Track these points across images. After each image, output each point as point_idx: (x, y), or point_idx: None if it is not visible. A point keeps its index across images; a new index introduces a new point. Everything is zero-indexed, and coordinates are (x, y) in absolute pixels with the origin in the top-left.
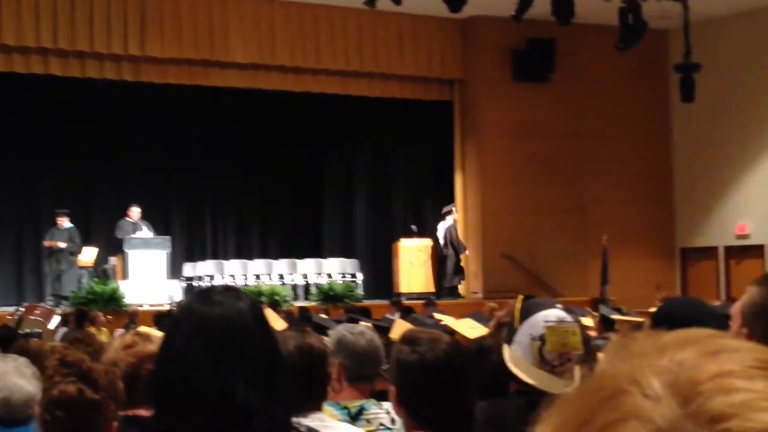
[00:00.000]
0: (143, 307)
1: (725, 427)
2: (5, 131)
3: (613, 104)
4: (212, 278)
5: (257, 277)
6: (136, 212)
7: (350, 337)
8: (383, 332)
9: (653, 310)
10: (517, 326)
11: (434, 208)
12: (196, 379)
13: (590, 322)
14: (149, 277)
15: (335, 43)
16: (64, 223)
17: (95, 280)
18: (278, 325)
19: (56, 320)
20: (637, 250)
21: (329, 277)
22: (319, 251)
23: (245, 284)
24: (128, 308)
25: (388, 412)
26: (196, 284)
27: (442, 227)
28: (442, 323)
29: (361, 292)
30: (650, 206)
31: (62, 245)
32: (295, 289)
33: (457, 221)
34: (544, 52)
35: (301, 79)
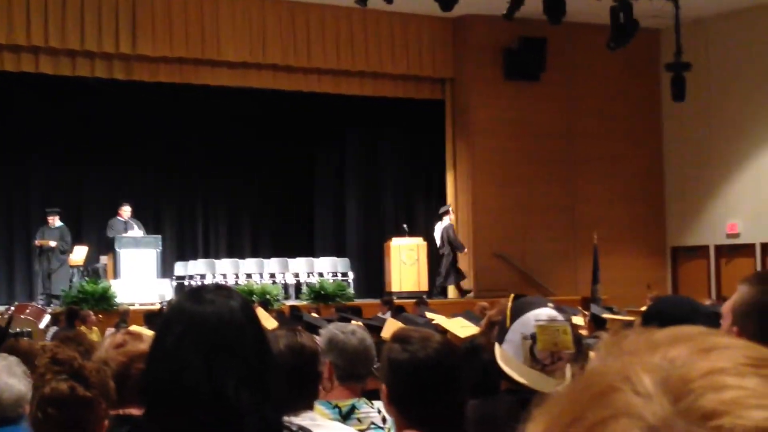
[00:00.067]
0: (134, 306)
1: (716, 424)
2: None
3: (604, 103)
4: (203, 277)
5: (248, 276)
6: (127, 211)
7: (341, 336)
8: (374, 331)
9: (644, 308)
10: (508, 325)
11: (426, 207)
12: (187, 378)
13: (581, 321)
14: (140, 276)
15: (326, 41)
16: (54, 221)
17: (86, 279)
18: (269, 324)
19: (47, 319)
20: (628, 249)
21: (320, 276)
22: (310, 250)
23: (236, 283)
24: (119, 307)
25: (379, 411)
26: (187, 283)
27: (439, 227)
28: (433, 322)
29: (352, 291)
30: (641, 205)
31: (53, 244)
32: (286, 288)
33: (453, 221)
34: (535, 51)
35: (292, 77)
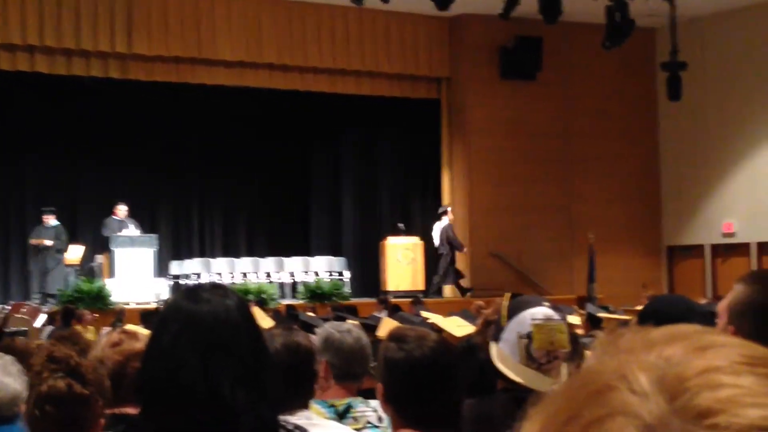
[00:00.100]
0: (130, 305)
1: (712, 422)
2: None
3: (600, 102)
4: (199, 276)
5: (244, 275)
6: (122, 210)
7: (337, 335)
8: (370, 330)
9: (640, 308)
10: (504, 324)
11: (422, 206)
12: (183, 376)
13: (577, 320)
14: (136, 275)
15: (322, 40)
16: (50, 221)
17: (82, 278)
18: (265, 323)
19: (42, 318)
20: (623, 248)
21: (316, 275)
22: (306, 249)
23: (232, 282)
24: (115, 306)
25: (375, 410)
26: (183, 282)
27: (437, 227)
28: (429, 321)
29: (348, 290)
30: (637, 204)
31: (48, 243)
32: (282, 287)
33: (452, 221)
34: (531, 50)
35: (288, 77)
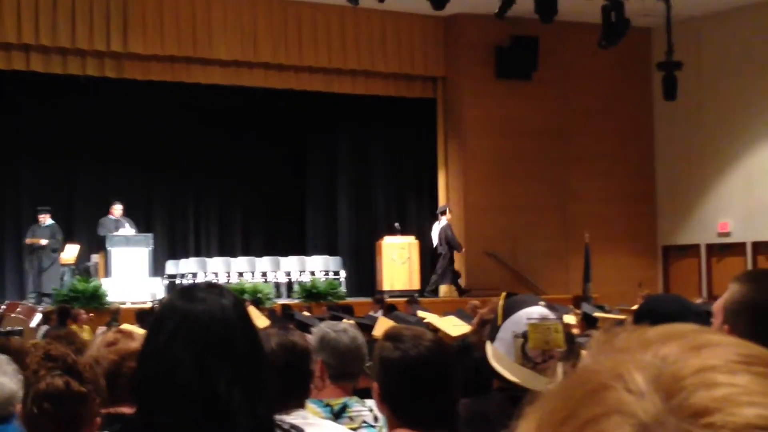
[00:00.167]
0: (125, 304)
1: (708, 421)
2: None
3: (595, 102)
4: (195, 276)
5: (240, 274)
6: (118, 209)
7: (333, 334)
8: (366, 330)
9: (635, 307)
10: (500, 323)
11: (417, 205)
12: (179, 376)
13: (573, 319)
14: (131, 274)
15: (318, 40)
16: (45, 220)
17: (77, 277)
18: (261, 322)
19: (38, 318)
20: (619, 247)
21: (312, 274)
22: (302, 249)
23: (228, 282)
24: (110, 306)
25: (371, 409)
26: (178, 282)
27: (436, 227)
28: (425, 321)
29: (343, 289)
30: (632, 204)
31: (44, 242)
32: (277, 286)
33: (450, 221)
34: (527, 49)
35: (284, 76)
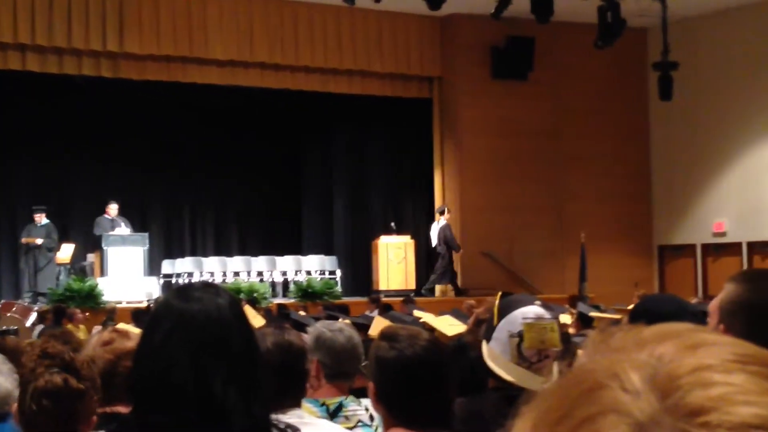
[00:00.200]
0: (121, 304)
1: (704, 420)
2: None
3: (591, 102)
4: (191, 275)
5: (236, 274)
6: (114, 209)
7: (329, 334)
8: (362, 329)
9: (631, 307)
10: (495, 323)
11: (413, 205)
12: (174, 375)
13: (569, 319)
14: (127, 274)
15: (314, 40)
16: (41, 219)
17: (73, 276)
18: (257, 322)
19: (33, 317)
20: (615, 247)
21: (308, 274)
22: (297, 248)
23: (224, 281)
24: (106, 305)
25: (366, 408)
26: (174, 281)
27: (435, 227)
28: (421, 320)
29: (339, 289)
30: (628, 204)
31: (39, 242)
32: (273, 286)
33: (449, 220)
34: (523, 49)
35: (280, 76)
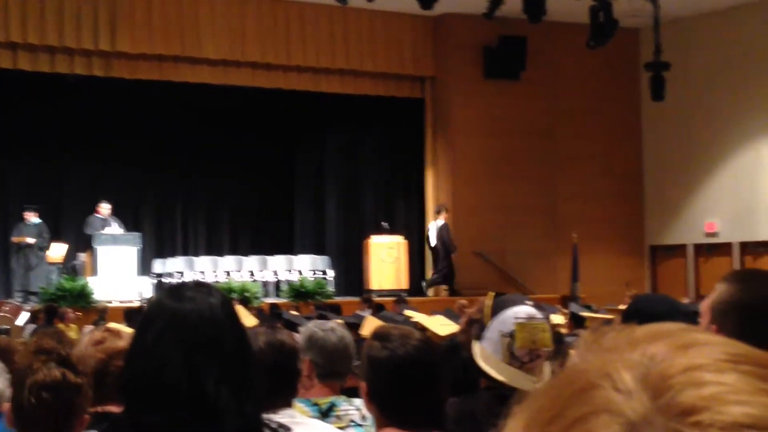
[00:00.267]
0: (113, 303)
1: (696, 420)
2: None
3: (583, 102)
4: (182, 274)
5: (227, 273)
6: (105, 208)
7: (321, 333)
8: (354, 329)
9: (623, 307)
10: (487, 323)
11: (406, 205)
12: (167, 375)
13: (561, 319)
14: (119, 273)
15: (306, 39)
16: (32, 218)
17: (64, 276)
18: (249, 321)
19: (25, 316)
20: (607, 247)
21: (300, 273)
22: (289, 248)
23: (216, 280)
24: (98, 305)
25: (358, 408)
26: (166, 280)
27: (433, 226)
28: (413, 320)
29: (331, 288)
30: (620, 204)
31: (30, 241)
32: (265, 285)
33: (447, 220)
34: (515, 49)
35: (272, 75)
